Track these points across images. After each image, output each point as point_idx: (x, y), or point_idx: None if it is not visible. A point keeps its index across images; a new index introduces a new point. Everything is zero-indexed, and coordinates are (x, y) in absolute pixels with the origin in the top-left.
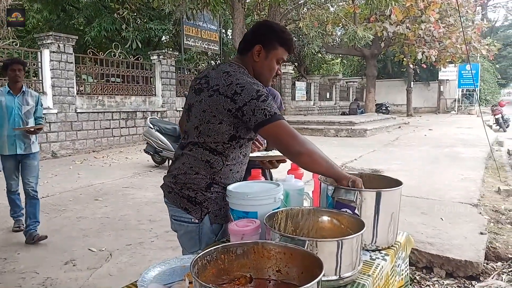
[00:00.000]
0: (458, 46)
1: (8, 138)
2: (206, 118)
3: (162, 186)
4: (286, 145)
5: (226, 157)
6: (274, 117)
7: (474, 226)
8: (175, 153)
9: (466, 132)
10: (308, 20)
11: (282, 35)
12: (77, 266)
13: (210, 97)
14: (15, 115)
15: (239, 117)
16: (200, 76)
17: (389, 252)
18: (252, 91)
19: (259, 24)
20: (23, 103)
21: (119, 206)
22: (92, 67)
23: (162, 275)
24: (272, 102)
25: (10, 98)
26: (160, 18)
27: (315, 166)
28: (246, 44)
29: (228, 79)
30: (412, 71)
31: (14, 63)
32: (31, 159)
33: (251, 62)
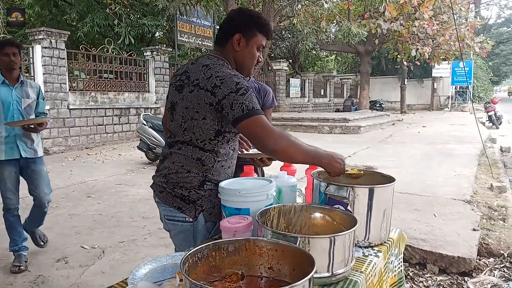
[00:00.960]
0: (452, 44)
1: (6, 140)
2: (189, 115)
3: (153, 185)
4: (261, 142)
5: (216, 153)
6: (252, 112)
7: (467, 222)
8: (162, 152)
9: (459, 129)
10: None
11: (259, 21)
12: (69, 264)
13: (191, 93)
14: (13, 110)
15: (219, 111)
16: (179, 72)
17: (381, 248)
18: (232, 83)
19: (234, 12)
20: (23, 96)
21: (112, 203)
22: (84, 63)
23: (153, 272)
24: (252, 96)
25: (6, 89)
26: (153, 14)
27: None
28: (223, 34)
29: (208, 72)
30: (406, 68)
31: (7, 45)
32: (39, 163)
33: (231, 52)
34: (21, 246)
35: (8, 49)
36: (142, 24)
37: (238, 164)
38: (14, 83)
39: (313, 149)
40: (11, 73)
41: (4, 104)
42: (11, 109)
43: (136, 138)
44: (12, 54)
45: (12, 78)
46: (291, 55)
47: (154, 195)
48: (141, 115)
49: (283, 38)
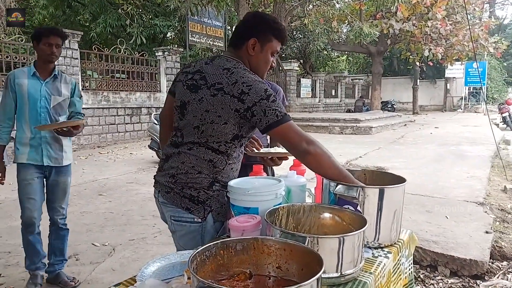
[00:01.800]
0: (465, 44)
1: (32, 142)
2: (209, 118)
3: (156, 185)
4: (296, 145)
5: (228, 156)
6: (285, 118)
7: (479, 224)
8: (165, 151)
9: (473, 131)
10: (313, 16)
11: (275, 26)
12: (80, 261)
13: (214, 97)
14: (40, 108)
15: (247, 118)
16: (191, 71)
17: (391, 249)
18: (261, 90)
19: (250, 16)
20: (53, 92)
21: (122, 202)
22: (97, 63)
23: (162, 270)
24: (281, 102)
25: (35, 83)
26: (165, 14)
27: (321, 170)
28: (239, 37)
29: (232, 77)
30: (419, 69)
31: (53, 34)
32: (63, 174)
33: (246, 56)
34: (39, 265)
35: (53, 39)
36: (154, 25)
37: (248, 163)
38: (46, 76)
39: (346, 171)
40: (47, 65)
41: (30, 100)
42: (38, 107)
43: (147, 137)
44: (56, 45)
45: (46, 70)
46: (302, 55)
47: (157, 195)
48: (152, 115)
49: (294, 38)
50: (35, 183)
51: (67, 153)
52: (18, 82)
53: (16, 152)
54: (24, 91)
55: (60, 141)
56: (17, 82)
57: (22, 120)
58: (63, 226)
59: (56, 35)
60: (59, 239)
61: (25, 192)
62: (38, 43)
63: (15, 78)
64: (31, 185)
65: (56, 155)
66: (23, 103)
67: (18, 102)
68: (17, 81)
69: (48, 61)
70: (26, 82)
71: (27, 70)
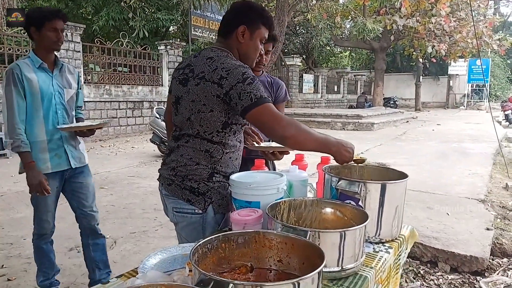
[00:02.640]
0: (469, 41)
1: (50, 145)
2: (196, 108)
3: (160, 178)
4: (271, 129)
5: (224, 145)
6: (260, 100)
7: (480, 221)
8: (168, 146)
9: (475, 128)
10: (316, 12)
11: (263, 14)
12: (81, 253)
13: (197, 86)
14: (56, 105)
15: (227, 102)
16: (182, 66)
17: (392, 245)
18: (238, 74)
19: (239, 4)
20: (64, 85)
21: (124, 195)
22: (99, 56)
23: (163, 262)
24: (259, 85)
25: (45, 77)
26: (168, 8)
27: (302, 147)
28: (227, 25)
29: (213, 65)
30: (422, 65)
31: (57, 17)
32: (86, 174)
33: (235, 44)
34: (52, 281)
35: (58, 23)
36: (156, 18)
37: (249, 158)
38: (52, 68)
39: (323, 137)
40: (51, 55)
41: (44, 97)
42: (53, 104)
43: (149, 131)
44: (61, 30)
45: (50, 61)
46: (304, 51)
47: (161, 188)
48: (154, 109)
49: (297, 33)
50: (53, 195)
51: (85, 151)
52: (27, 77)
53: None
54: (35, 88)
55: (77, 138)
56: (26, 76)
57: (34, 122)
58: (99, 231)
59: (61, 18)
60: (99, 250)
61: (45, 205)
62: (39, 29)
63: (22, 72)
64: (51, 197)
65: (79, 154)
66: (36, 102)
67: (28, 101)
68: (26, 76)
69: (53, 49)
70: (35, 76)
71: (29, 62)
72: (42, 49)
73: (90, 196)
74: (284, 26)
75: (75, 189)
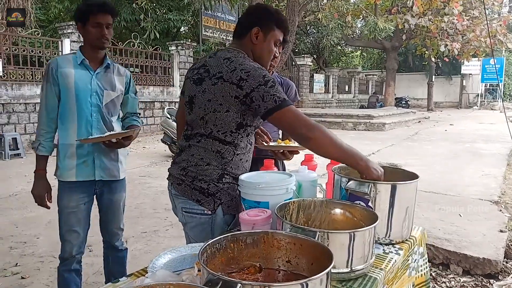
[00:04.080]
0: (482, 39)
1: (79, 152)
2: (212, 107)
3: (169, 178)
4: (296, 130)
5: (235, 146)
6: (284, 103)
7: (493, 223)
8: (179, 145)
9: (489, 128)
10: (327, 11)
11: (277, 17)
12: (93, 252)
13: (214, 85)
14: (91, 107)
15: (247, 104)
16: (197, 66)
17: (403, 246)
18: (259, 76)
19: (253, 7)
20: (106, 86)
21: (135, 195)
22: (111, 57)
23: (173, 262)
24: (280, 87)
25: (85, 74)
26: (179, 9)
27: (326, 152)
28: (242, 27)
29: (231, 65)
30: (434, 65)
31: (101, 11)
32: (119, 190)
33: (249, 45)
34: None
35: (102, 18)
36: (167, 19)
37: (259, 157)
38: (96, 66)
39: (351, 148)
40: (97, 52)
41: (78, 96)
42: (88, 105)
43: (160, 131)
44: (106, 25)
45: (96, 59)
46: (315, 50)
47: (170, 187)
48: (165, 109)
49: (308, 33)
50: (81, 211)
51: (122, 164)
52: (63, 73)
53: (59, 165)
54: (70, 84)
55: (114, 150)
56: (61, 72)
57: (67, 122)
58: (122, 248)
59: (106, 12)
60: (118, 262)
61: (68, 223)
62: (84, 24)
63: (58, 67)
64: (75, 214)
65: (111, 165)
66: (70, 100)
67: (62, 98)
68: (61, 71)
69: (97, 47)
70: (73, 72)
71: (72, 58)
72: (87, 45)
73: (118, 215)
74: (295, 26)
75: (103, 205)
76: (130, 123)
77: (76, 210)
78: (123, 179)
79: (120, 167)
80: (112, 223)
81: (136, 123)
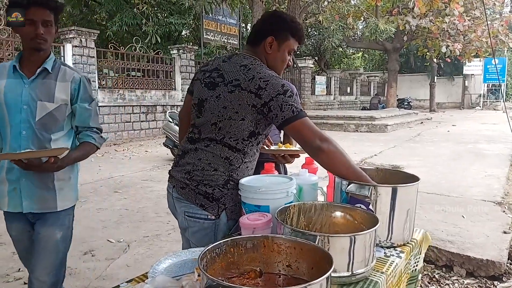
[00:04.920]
0: (484, 40)
1: (8, 176)
2: (227, 115)
3: (171, 180)
4: (309, 140)
5: (244, 154)
6: (301, 114)
7: (497, 224)
8: (183, 147)
9: (491, 128)
10: (328, 13)
11: (293, 26)
12: (95, 257)
13: (231, 93)
14: (21, 123)
15: (264, 113)
16: (209, 69)
17: (404, 249)
18: (278, 85)
19: (269, 14)
20: (41, 97)
21: (137, 198)
22: (113, 61)
23: (173, 267)
24: (297, 98)
25: (16, 84)
26: (180, 13)
27: (334, 167)
28: (256, 35)
29: (249, 73)
30: (436, 66)
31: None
32: (49, 224)
33: (263, 53)
34: None
35: (36, 13)
36: (169, 23)
37: (260, 161)
38: (33, 72)
39: (360, 170)
40: (34, 56)
41: (9, 110)
42: (18, 120)
43: (162, 135)
44: (43, 22)
45: (33, 64)
46: (317, 52)
47: (171, 190)
48: (167, 113)
49: (309, 35)
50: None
51: (64, 191)
52: None
53: None
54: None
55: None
56: None
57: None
58: None
59: (41, 5)
60: None
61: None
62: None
63: None
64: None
65: (42, 194)
66: (2, 116)
67: None
68: None
69: (33, 48)
70: (4, 82)
71: (9, 65)
72: (24, 48)
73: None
74: None
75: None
76: (81, 140)
77: (20, 239)
78: (64, 210)
79: (58, 195)
80: (36, 268)
81: (89, 139)
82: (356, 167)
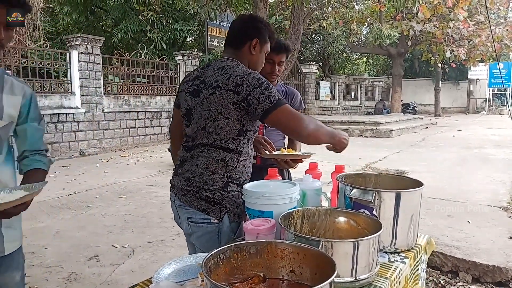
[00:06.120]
0: (489, 44)
1: None
2: (212, 116)
3: (173, 189)
4: (293, 129)
5: (239, 153)
6: (279, 103)
7: (503, 230)
8: (180, 156)
9: (497, 133)
10: (332, 19)
11: (270, 29)
12: (100, 262)
13: (212, 95)
14: None
15: (245, 108)
16: (191, 78)
17: (408, 254)
18: (253, 80)
19: (249, 17)
20: None
21: (142, 204)
22: (118, 68)
23: (177, 272)
24: (274, 88)
25: None
26: (184, 19)
27: (319, 142)
28: (240, 37)
29: (226, 73)
30: (441, 70)
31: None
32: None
33: (247, 55)
34: None
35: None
36: (173, 30)
37: (263, 166)
38: None
39: (332, 129)
40: None
41: None
42: None
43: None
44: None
45: None
46: (321, 58)
47: (174, 198)
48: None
49: (313, 40)
50: None
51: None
52: None
53: None
54: None
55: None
56: None
57: None
58: None
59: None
60: None
61: None
62: None
63: None
64: None
65: None
66: None
67: None
68: None
69: None
70: None
71: None
72: None
73: None
74: (300, 34)
75: None
76: (30, 167)
77: None
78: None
79: (5, 236)
80: None
81: (40, 165)
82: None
